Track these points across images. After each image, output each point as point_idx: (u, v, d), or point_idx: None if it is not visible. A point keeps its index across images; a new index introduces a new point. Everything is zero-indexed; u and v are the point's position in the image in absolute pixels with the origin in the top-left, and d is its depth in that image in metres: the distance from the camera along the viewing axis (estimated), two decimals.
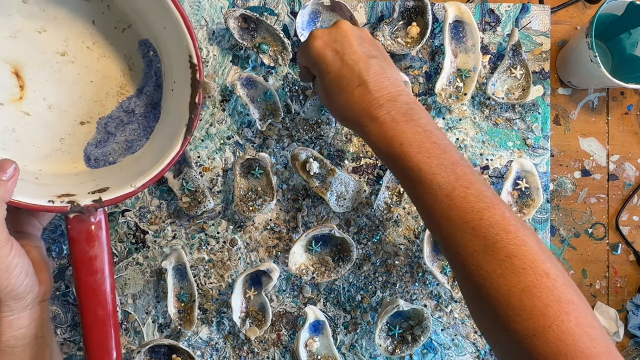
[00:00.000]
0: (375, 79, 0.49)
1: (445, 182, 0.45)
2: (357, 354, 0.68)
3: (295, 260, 0.65)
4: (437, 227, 0.46)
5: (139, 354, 0.62)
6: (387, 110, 0.48)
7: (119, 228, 0.67)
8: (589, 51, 0.63)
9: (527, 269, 0.41)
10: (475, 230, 0.43)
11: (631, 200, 0.72)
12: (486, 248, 0.42)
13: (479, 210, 0.44)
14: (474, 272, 0.43)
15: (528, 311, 0.40)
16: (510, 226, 0.43)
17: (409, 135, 0.47)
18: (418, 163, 0.46)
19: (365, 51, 0.51)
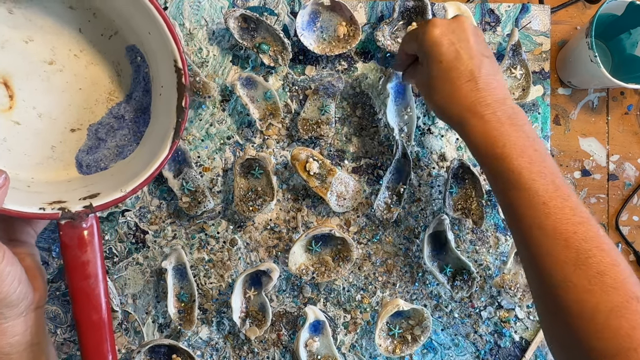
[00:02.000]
0: (485, 78, 0.49)
1: (544, 190, 0.45)
2: (357, 354, 0.68)
3: (295, 260, 0.65)
4: (527, 234, 0.46)
5: (139, 354, 0.62)
6: (494, 111, 0.48)
7: (119, 228, 0.67)
8: (589, 51, 0.63)
9: (618, 289, 0.41)
10: (568, 242, 0.43)
11: (631, 200, 0.72)
12: (578, 262, 0.42)
13: (574, 224, 0.43)
14: (560, 285, 0.43)
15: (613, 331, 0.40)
16: (604, 244, 0.43)
17: (513, 139, 0.47)
18: (519, 167, 0.46)
19: (480, 49, 0.51)
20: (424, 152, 0.69)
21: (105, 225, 0.67)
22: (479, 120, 0.48)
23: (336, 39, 0.68)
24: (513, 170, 0.46)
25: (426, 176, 0.69)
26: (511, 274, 0.67)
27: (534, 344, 0.68)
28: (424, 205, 0.69)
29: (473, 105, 0.49)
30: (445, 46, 0.51)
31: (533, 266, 0.46)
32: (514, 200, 0.47)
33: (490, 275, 0.68)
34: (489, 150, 0.48)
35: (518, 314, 0.68)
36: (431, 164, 0.69)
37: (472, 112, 0.49)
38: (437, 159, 0.69)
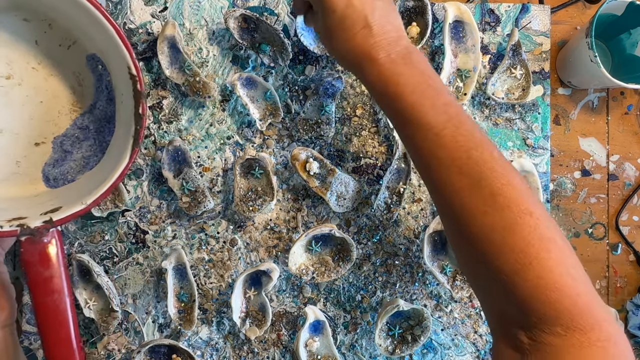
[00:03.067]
0: (379, 22, 0.49)
1: (436, 121, 0.46)
2: (357, 354, 0.68)
3: (295, 260, 0.65)
4: (426, 166, 0.47)
5: (139, 354, 0.62)
6: (388, 53, 0.48)
7: (119, 228, 0.67)
8: (589, 51, 0.63)
9: (511, 207, 0.41)
10: (462, 168, 0.44)
11: (631, 200, 0.72)
12: (471, 186, 0.43)
13: (467, 149, 0.44)
14: (459, 211, 0.44)
15: (509, 248, 0.41)
16: (496, 165, 0.44)
17: (405, 77, 0.48)
18: (411, 103, 0.47)
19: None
20: None
21: (105, 225, 0.67)
22: (374, 64, 0.49)
23: None
24: (406, 107, 0.47)
25: None
26: None
27: None
28: (424, 205, 0.69)
29: (368, 51, 0.49)
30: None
31: (436, 198, 0.47)
32: (411, 136, 0.48)
33: None
34: (384, 91, 0.49)
35: None
36: None
37: (368, 58, 0.49)
38: None
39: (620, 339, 0.39)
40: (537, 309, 0.39)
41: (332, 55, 0.54)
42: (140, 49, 0.68)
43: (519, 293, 0.40)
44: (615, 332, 0.39)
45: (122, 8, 0.68)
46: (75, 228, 0.67)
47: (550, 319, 0.39)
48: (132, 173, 0.68)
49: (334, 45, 0.52)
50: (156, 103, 0.68)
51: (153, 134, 0.68)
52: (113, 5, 0.68)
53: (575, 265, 0.41)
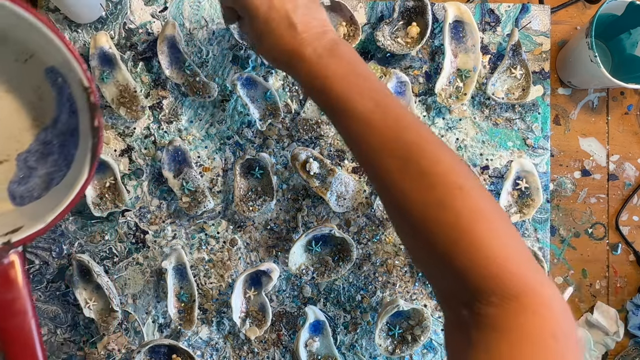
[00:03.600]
0: (302, 19, 0.50)
1: (364, 108, 0.46)
2: (357, 354, 0.68)
3: (295, 260, 0.65)
4: (359, 153, 0.48)
5: (139, 354, 0.62)
6: (314, 48, 0.49)
7: (119, 228, 0.67)
8: (589, 51, 0.63)
9: (440, 184, 0.42)
10: (392, 151, 0.45)
11: (631, 200, 0.72)
12: (402, 168, 0.44)
13: (395, 132, 0.45)
14: (393, 193, 0.45)
15: (442, 224, 0.41)
16: (426, 145, 0.44)
17: (332, 69, 0.48)
18: (339, 93, 0.47)
19: None
20: None
21: (105, 225, 0.67)
22: (302, 61, 0.49)
23: None
24: (335, 97, 0.48)
25: None
26: None
27: None
28: None
29: (295, 49, 0.50)
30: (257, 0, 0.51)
31: (374, 184, 0.48)
32: (343, 126, 0.48)
33: None
34: (314, 86, 0.49)
35: None
36: None
37: (296, 55, 0.50)
38: None
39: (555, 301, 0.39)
40: (472, 281, 0.40)
41: (264, 58, 0.55)
42: (140, 49, 0.68)
43: (454, 267, 0.41)
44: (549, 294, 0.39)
45: (122, 8, 0.68)
46: (75, 228, 0.67)
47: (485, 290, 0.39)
48: (132, 173, 0.68)
49: (264, 48, 0.52)
50: (156, 103, 0.68)
51: (153, 134, 0.68)
52: (113, 5, 0.68)
53: (507, 232, 0.42)
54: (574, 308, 0.71)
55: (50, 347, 0.67)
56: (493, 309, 0.39)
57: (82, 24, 0.68)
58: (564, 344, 0.38)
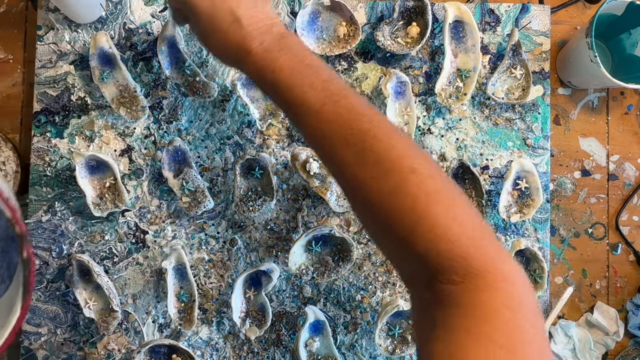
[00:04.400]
0: (247, 13, 0.49)
1: (316, 99, 0.46)
2: (357, 354, 0.68)
3: (295, 260, 0.64)
4: (315, 145, 0.48)
5: (139, 354, 0.62)
6: (260, 42, 0.49)
7: (119, 228, 0.67)
8: (589, 51, 0.63)
9: (395, 169, 0.42)
10: (347, 141, 0.44)
11: (631, 200, 0.72)
12: (358, 157, 0.44)
13: (349, 122, 0.45)
14: (351, 182, 0.45)
15: (399, 209, 0.42)
16: (379, 133, 0.44)
17: (280, 62, 0.48)
18: (290, 86, 0.47)
19: None
20: None
21: (105, 225, 0.67)
22: (250, 55, 0.49)
23: (336, 39, 0.68)
24: (285, 90, 0.47)
25: None
26: None
27: None
28: None
29: (242, 44, 0.49)
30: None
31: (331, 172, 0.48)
32: (297, 118, 0.48)
33: None
34: (264, 80, 0.49)
35: None
36: None
37: (243, 50, 0.49)
38: (437, 159, 0.69)
39: (517, 278, 0.40)
40: (432, 262, 0.40)
41: (214, 56, 0.54)
42: (140, 49, 0.68)
43: (415, 251, 0.41)
44: (510, 271, 0.40)
45: (122, 8, 0.68)
46: (75, 228, 0.67)
47: (446, 269, 0.40)
48: (132, 173, 0.68)
49: (212, 46, 0.52)
50: (156, 103, 0.68)
51: (153, 134, 0.68)
52: (113, 5, 0.68)
53: (464, 212, 0.42)
54: (574, 308, 0.71)
55: (50, 347, 0.67)
56: (454, 287, 0.39)
57: (82, 24, 0.68)
58: (520, 314, 0.38)
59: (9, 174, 0.68)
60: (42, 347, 0.67)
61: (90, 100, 0.68)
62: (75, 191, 0.67)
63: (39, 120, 0.68)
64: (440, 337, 0.38)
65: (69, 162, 0.67)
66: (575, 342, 0.69)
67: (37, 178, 0.67)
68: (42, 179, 0.67)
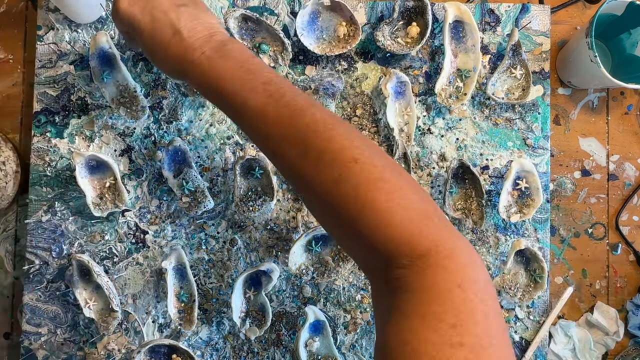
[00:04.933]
0: (187, 25, 0.50)
1: (258, 102, 0.47)
2: (357, 354, 0.68)
3: (295, 260, 0.65)
4: (262, 147, 0.48)
5: (139, 354, 0.62)
6: (202, 51, 0.49)
7: (119, 228, 0.67)
8: (589, 51, 0.63)
9: (337, 160, 0.43)
10: (291, 138, 0.45)
11: (631, 200, 0.72)
12: (302, 153, 0.44)
13: (290, 119, 0.45)
14: (299, 177, 0.45)
15: (344, 199, 0.42)
16: (319, 126, 0.45)
17: (223, 69, 0.48)
18: (232, 92, 0.47)
19: (173, 1, 0.52)
20: (424, 152, 0.69)
21: (105, 225, 0.67)
22: (193, 66, 0.49)
23: (336, 39, 0.68)
24: (229, 96, 0.48)
25: (426, 176, 0.69)
26: (511, 274, 0.67)
27: (534, 344, 0.68)
28: None
29: (184, 55, 0.49)
30: (139, 14, 0.51)
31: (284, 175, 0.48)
32: (243, 124, 0.49)
33: (490, 275, 0.68)
34: (209, 89, 0.49)
35: (518, 314, 0.68)
36: (431, 164, 0.69)
37: (186, 62, 0.49)
38: (437, 159, 0.69)
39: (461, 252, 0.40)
40: (381, 248, 0.41)
41: (162, 71, 0.54)
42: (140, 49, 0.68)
43: (363, 238, 0.42)
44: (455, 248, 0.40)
45: None
46: (75, 228, 0.67)
47: (395, 254, 0.40)
48: (132, 173, 0.68)
49: (156, 61, 0.52)
50: (156, 103, 0.68)
51: (153, 134, 0.68)
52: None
53: (408, 194, 0.42)
54: (574, 308, 0.71)
55: (50, 347, 0.67)
56: (405, 271, 0.40)
57: (82, 24, 0.68)
58: (471, 291, 0.38)
59: (9, 174, 0.68)
60: (42, 347, 0.67)
61: (90, 100, 0.68)
62: (75, 191, 0.67)
63: (39, 120, 0.68)
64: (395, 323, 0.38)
65: (69, 162, 0.67)
66: (575, 342, 0.69)
67: (37, 178, 0.67)
68: (42, 179, 0.67)
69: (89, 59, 0.66)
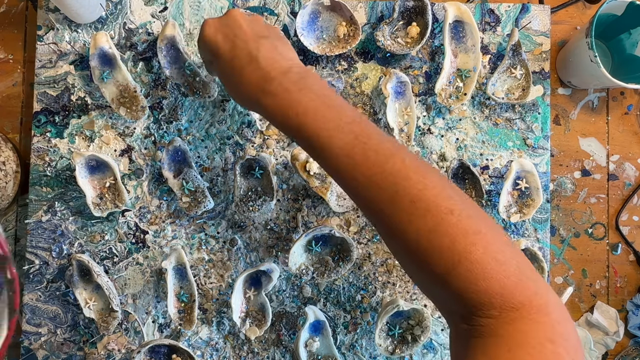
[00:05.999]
0: (266, 55, 0.50)
1: (344, 143, 0.46)
2: (357, 354, 0.68)
3: (295, 260, 0.65)
4: (347, 187, 0.47)
5: (139, 354, 0.62)
6: (279, 82, 0.48)
7: (119, 228, 0.67)
8: (589, 51, 0.63)
9: (431, 210, 0.42)
10: (379, 183, 0.44)
11: (631, 200, 0.72)
12: (391, 198, 0.44)
13: (379, 164, 0.45)
14: (386, 223, 0.44)
15: (437, 251, 0.41)
16: (410, 172, 0.44)
17: (303, 104, 0.47)
18: (315, 130, 0.46)
19: (256, 32, 0.52)
20: (424, 152, 0.69)
21: (105, 225, 0.67)
22: (268, 97, 0.48)
23: (336, 39, 0.68)
24: (311, 135, 0.47)
25: None
26: None
27: None
28: None
29: (260, 85, 0.49)
30: (221, 40, 0.52)
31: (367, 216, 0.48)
32: (326, 163, 0.47)
33: None
34: (286, 123, 0.48)
35: None
36: (431, 164, 0.69)
37: (261, 92, 0.49)
38: (437, 159, 0.69)
39: (552, 307, 0.40)
40: (471, 299, 0.41)
41: (234, 99, 0.54)
42: (140, 49, 0.68)
43: (453, 289, 0.41)
44: (548, 303, 0.40)
45: (122, 8, 0.68)
46: (75, 228, 0.67)
47: (485, 306, 0.40)
48: (132, 173, 0.68)
49: (231, 89, 0.52)
50: (156, 103, 0.68)
51: (153, 134, 0.68)
52: (113, 5, 0.68)
53: (503, 248, 0.42)
54: (574, 308, 0.71)
55: (50, 347, 0.67)
56: (492, 320, 0.40)
57: (82, 24, 0.68)
58: (562, 347, 0.38)
59: (9, 174, 0.68)
60: (42, 347, 0.67)
61: (90, 100, 0.68)
62: (75, 191, 0.67)
63: (39, 120, 0.68)
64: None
65: (69, 162, 0.67)
66: None
67: (37, 178, 0.67)
68: (42, 179, 0.67)
69: (89, 59, 0.66)
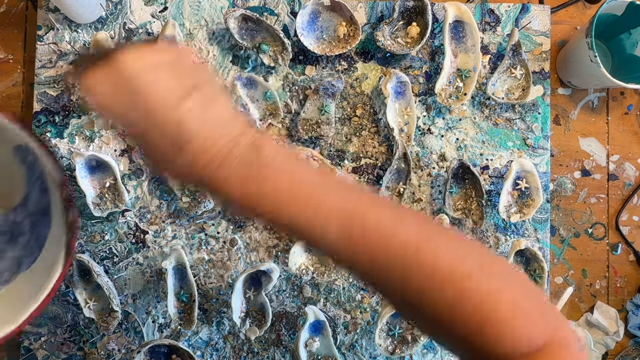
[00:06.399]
0: (199, 132, 0.36)
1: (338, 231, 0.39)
2: (357, 354, 0.68)
3: (295, 260, 0.64)
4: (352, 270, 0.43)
5: (139, 354, 0.62)
6: (229, 171, 0.37)
7: (119, 228, 0.67)
8: (589, 51, 0.63)
9: (448, 279, 0.39)
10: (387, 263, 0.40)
11: (631, 200, 0.72)
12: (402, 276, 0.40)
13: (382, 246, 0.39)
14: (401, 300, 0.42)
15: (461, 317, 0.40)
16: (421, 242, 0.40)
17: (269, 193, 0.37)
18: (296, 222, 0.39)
19: (172, 91, 0.37)
20: (424, 152, 0.69)
21: (105, 225, 0.67)
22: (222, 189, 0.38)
23: (336, 39, 0.68)
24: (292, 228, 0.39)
25: (426, 176, 0.69)
26: None
27: None
28: (424, 205, 0.69)
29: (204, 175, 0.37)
30: (124, 119, 0.37)
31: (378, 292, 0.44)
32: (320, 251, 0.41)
33: None
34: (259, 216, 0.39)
35: None
36: (431, 164, 0.69)
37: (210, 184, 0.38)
38: (437, 159, 0.69)
39: (572, 340, 0.41)
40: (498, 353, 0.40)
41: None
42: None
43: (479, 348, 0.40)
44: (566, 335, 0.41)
45: (122, 8, 0.68)
46: None
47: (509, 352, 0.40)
48: (132, 173, 0.68)
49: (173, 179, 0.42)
50: None
51: None
52: (113, 5, 0.68)
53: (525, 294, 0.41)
54: (574, 308, 0.71)
55: (50, 347, 0.67)
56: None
57: (82, 24, 0.68)
58: None
59: None
60: (42, 347, 0.67)
61: None
62: (75, 191, 0.67)
63: (39, 120, 0.68)
64: None
65: (69, 162, 0.67)
66: None
67: None
68: None
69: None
